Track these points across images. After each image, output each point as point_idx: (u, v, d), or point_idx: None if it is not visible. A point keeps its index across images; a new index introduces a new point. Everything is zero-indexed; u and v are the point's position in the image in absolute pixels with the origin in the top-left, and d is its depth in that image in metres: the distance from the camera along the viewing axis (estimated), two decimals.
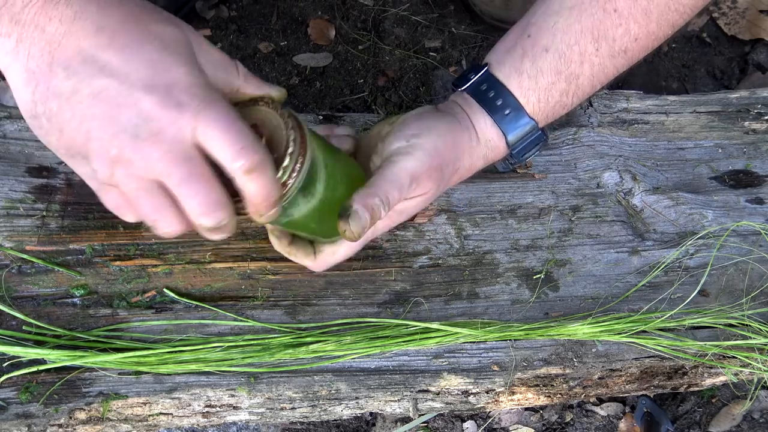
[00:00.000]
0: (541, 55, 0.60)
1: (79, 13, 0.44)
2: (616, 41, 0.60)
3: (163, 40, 0.46)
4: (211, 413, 0.62)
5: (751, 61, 1.24)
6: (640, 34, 0.60)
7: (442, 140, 0.59)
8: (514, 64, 0.61)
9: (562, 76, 0.60)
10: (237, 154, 0.46)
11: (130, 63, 0.44)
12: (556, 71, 0.60)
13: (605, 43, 0.60)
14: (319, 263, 0.63)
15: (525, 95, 0.61)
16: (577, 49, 0.60)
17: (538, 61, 0.60)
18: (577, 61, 0.60)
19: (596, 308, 0.69)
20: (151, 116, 0.44)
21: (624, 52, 0.61)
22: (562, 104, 0.63)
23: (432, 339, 0.64)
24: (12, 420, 0.57)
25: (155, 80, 0.44)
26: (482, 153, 0.63)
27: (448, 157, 0.60)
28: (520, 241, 0.73)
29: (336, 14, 1.17)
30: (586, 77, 0.62)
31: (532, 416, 0.99)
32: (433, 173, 0.59)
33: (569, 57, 0.60)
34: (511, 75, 0.61)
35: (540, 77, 0.60)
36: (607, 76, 0.63)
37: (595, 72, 0.61)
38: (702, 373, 0.71)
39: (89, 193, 0.68)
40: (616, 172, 0.77)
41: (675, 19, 0.61)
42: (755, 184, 0.80)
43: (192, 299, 0.65)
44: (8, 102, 1.06)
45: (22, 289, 0.63)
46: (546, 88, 0.61)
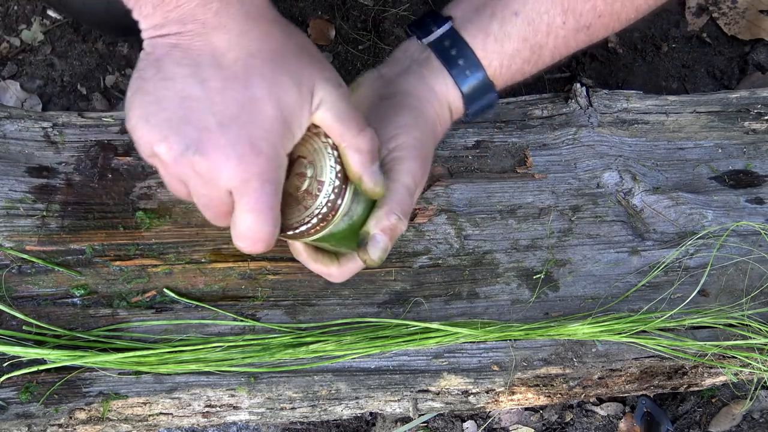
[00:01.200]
0: (510, 19, 0.59)
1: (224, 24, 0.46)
2: (583, 16, 0.60)
3: (274, 91, 0.47)
4: (211, 413, 0.62)
5: (751, 61, 1.24)
6: (605, 11, 0.60)
7: (419, 131, 0.59)
8: (481, 23, 0.60)
9: (527, 44, 0.60)
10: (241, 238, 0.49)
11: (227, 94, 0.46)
12: (522, 38, 0.59)
13: (572, 17, 0.59)
14: (344, 271, 0.62)
15: (488, 58, 0.60)
16: (546, 19, 0.59)
17: (506, 24, 0.59)
18: (544, 32, 0.60)
19: (596, 308, 0.69)
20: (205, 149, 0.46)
21: (587, 27, 0.61)
22: (521, 72, 0.62)
23: (432, 339, 0.64)
24: (12, 420, 0.57)
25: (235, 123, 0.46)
26: (448, 115, 0.63)
27: (426, 139, 0.60)
28: (520, 241, 0.73)
29: (336, 14, 1.17)
30: (549, 49, 0.61)
31: (532, 416, 0.99)
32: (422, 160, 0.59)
33: (538, 26, 0.59)
34: (477, 35, 0.60)
35: (506, 42, 0.59)
36: (567, 50, 0.63)
37: (558, 45, 0.61)
38: (702, 373, 0.71)
39: (89, 193, 0.68)
40: (616, 172, 0.77)
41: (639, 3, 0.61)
42: (755, 184, 0.80)
43: (192, 299, 0.65)
44: (8, 102, 1.06)
45: (22, 289, 0.63)
46: (510, 54, 0.60)
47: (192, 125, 0.46)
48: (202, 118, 0.45)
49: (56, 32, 1.12)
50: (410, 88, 0.61)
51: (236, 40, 0.46)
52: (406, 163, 0.57)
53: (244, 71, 0.46)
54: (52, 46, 1.11)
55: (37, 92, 1.09)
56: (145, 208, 0.68)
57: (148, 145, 0.47)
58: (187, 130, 0.45)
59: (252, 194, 0.47)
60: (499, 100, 0.63)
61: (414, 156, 0.57)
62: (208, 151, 0.46)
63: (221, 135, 0.46)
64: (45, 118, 0.71)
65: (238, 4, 0.46)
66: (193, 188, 0.49)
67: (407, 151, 0.57)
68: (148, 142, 0.47)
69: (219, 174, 0.46)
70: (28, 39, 1.11)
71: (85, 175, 0.69)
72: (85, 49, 1.12)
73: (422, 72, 0.61)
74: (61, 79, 1.10)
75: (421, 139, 0.59)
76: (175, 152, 0.46)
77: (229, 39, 0.46)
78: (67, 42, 1.12)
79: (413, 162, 0.57)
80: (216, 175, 0.46)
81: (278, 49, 0.48)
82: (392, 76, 0.63)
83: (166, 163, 0.47)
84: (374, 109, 0.60)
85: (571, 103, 0.81)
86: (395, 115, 0.59)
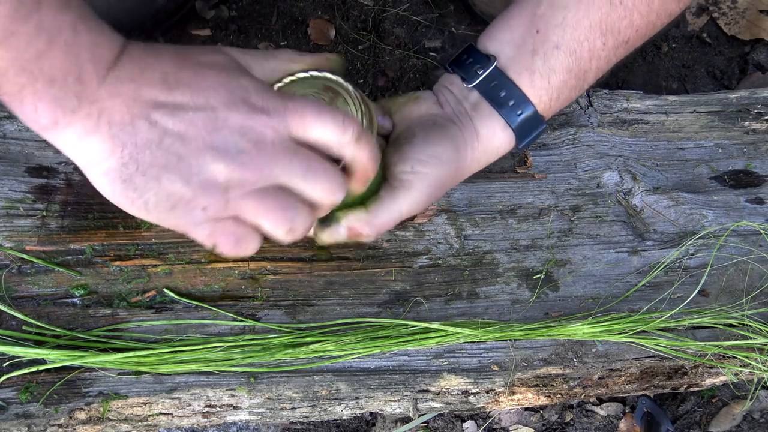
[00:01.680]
0: (553, 53, 0.59)
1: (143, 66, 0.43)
2: (621, 33, 0.59)
3: (216, 64, 0.47)
4: (211, 413, 0.62)
5: (751, 61, 1.24)
6: (641, 24, 0.60)
7: (447, 170, 0.59)
8: (525, 62, 0.60)
9: (572, 73, 0.60)
10: (342, 129, 0.47)
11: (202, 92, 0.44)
12: (567, 69, 0.60)
13: (611, 37, 0.59)
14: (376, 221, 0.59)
15: (537, 95, 0.60)
16: (587, 46, 0.59)
17: (549, 59, 0.59)
18: (587, 58, 0.59)
19: (596, 308, 0.69)
20: (245, 129, 0.44)
21: (626, 42, 0.61)
22: (569, 99, 0.63)
23: (432, 339, 0.64)
24: (12, 420, 0.57)
25: (231, 97, 0.45)
26: (484, 161, 0.63)
27: (449, 181, 0.60)
28: (520, 241, 0.73)
29: (336, 14, 1.17)
30: (593, 71, 0.61)
31: (532, 416, 0.99)
32: (433, 197, 0.59)
33: (580, 54, 0.59)
34: (522, 74, 0.60)
35: (552, 76, 0.60)
36: (609, 66, 0.62)
37: (601, 65, 0.61)
38: (702, 373, 0.71)
39: (89, 193, 0.68)
40: (616, 172, 0.77)
41: (673, 8, 0.61)
42: (755, 184, 0.80)
43: (192, 299, 0.65)
44: None
45: (22, 289, 0.63)
46: (558, 86, 0.60)
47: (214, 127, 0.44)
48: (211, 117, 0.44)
49: None
50: (460, 127, 0.61)
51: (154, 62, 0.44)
52: (415, 192, 0.58)
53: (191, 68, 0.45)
54: None
55: None
56: None
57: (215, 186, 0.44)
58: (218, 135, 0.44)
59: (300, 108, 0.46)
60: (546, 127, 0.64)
61: (426, 191, 0.58)
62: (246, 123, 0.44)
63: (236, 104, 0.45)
64: None
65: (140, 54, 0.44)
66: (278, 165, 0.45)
67: (423, 183, 0.58)
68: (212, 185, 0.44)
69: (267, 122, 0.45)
70: None
71: (85, 175, 0.69)
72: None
73: (472, 114, 0.62)
74: None
75: (441, 179, 0.59)
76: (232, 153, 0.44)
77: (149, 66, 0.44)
78: None
79: (422, 195, 0.58)
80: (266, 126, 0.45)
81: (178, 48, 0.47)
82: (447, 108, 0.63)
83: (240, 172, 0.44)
84: (425, 128, 0.61)
85: (571, 103, 0.81)
86: (439, 146, 0.59)
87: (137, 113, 0.42)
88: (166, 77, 0.44)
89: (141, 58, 0.44)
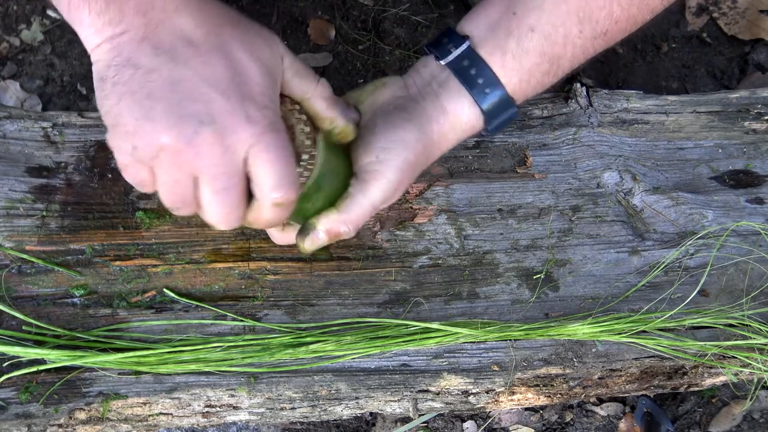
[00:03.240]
0: (527, 35, 0.59)
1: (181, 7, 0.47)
2: (599, 23, 0.59)
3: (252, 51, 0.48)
4: (211, 413, 0.62)
5: (751, 61, 1.24)
6: (621, 17, 0.60)
7: (412, 153, 0.59)
8: (498, 42, 0.60)
9: (546, 57, 0.60)
10: (277, 188, 0.49)
11: (215, 65, 0.47)
12: (540, 53, 0.59)
13: (589, 25, 0.59)
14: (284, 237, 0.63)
15: (507, 75, 0.60)
16: (562, 31, 0.59)
17: (523, 41, 0.59)
18: (561, 43, 0.60)
19: (596, 308, 0.69)
20: (218, 118, 0.46)
21: (604, 34, 0.61)
22: (541, 84, 0.62)
23: (432, 339, 0.64)
24: (12, 420, 0.57)
25: (233, 87, 0.47)
26: (454, 138, 0.63)
27: (418, 161, 0.60)
28: (520, 241, 0.73)
29: (336, 14, 1.17)
30: (568, 58, 0.61)
31: (532, 416, 0.99)
32: (405, 181, 0.59)
33: (554, 39, 0.59)
34: (494, 53, 0.60)
35: (524, 58, 0.60)
36: (585, 57, 0.63)
37: (576, 53, 0.61)
38: (702, 373, 0.71)
39: (89, 193, 0.68)
40: (616, 172, 0.77)
41: (655, 4, 0.61)
42: (755, 184, 0.80)
43: (192, 299, 0.65)
44: (8, 102, 1.06)
45: (22, 289, 0.63)
46: (529, 69, 0.60)
47: (197, 102, 0.46)
48: (201, 92, 0.46)
49: (56, 32, 1.12)
50: (424, 105, 0.61)
51: (199, 17, 0.48)
52: (384, 181, 0.57)
53: (219, 41, 0.48)
54: (52, 46, 1.11)
55: (37, 92, 1.09)
56: (145, 208, 0.68)
57: (154, 142, 0.46)
58: (194, 108, 0.46)
59: (272, 143, 0.48)
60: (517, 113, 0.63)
61: (396, 178, 0.58)
62: (219, 119, 0.46)
63: (226, 101, 0.46)
64: (45, 118, 0.71)
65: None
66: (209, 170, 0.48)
67: (391, 171, 0.58)
68: (154, 138, 0.46)
69: (236, 138, 0.47)
70: (28, 39, 1.11)
71: (85, 175, 0.69)
72: (85, 49, 1.12)
73: (439, 91, 0.61)
74: (61, 79, 1.10)
75: (411, 162, 0.59)
76: (188, 133, 0.46)
77: (192, 16, 0.47)
78: (67, 42, 1.11)
79: (392, 183, 0.58)
80: (233, 140, 0.47)
81: (236, 16, 0.50)
82: (414, 91, 0.63)
83: (178, 151, 0.46)
84: (386, 114, 0.60)
85: (571, 103, 0.81)
86: (400, 129, 0.59)
87: (150, 38, 0.46)
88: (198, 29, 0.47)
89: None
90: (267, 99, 0.48)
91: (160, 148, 0.46)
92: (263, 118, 0.47)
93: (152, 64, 0.46)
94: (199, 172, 0.48)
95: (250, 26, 0.51)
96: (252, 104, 0.47)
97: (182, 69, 0.46)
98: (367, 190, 0.58)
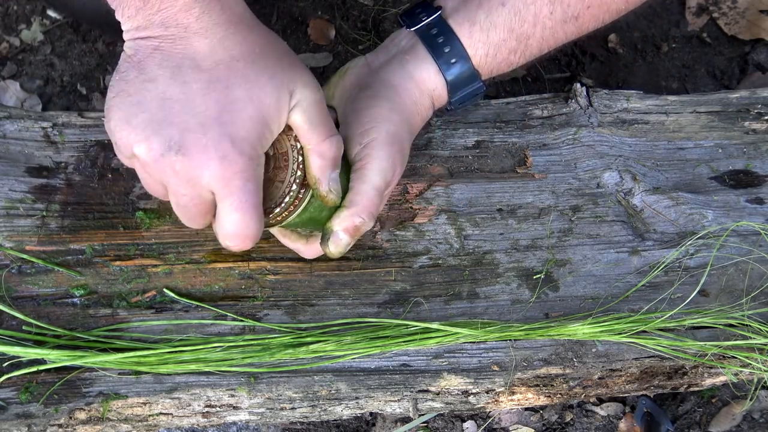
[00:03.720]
0: (497, 9, 0.60)
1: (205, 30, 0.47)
2: (570, 6, 0.60)
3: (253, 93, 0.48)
4: (211, 413, 0.62)
5: (751, 61, 1.24)
6: (593, 2, 0.60)
7: (392, 123, 0.59)
8: (468, 13, 0.61)
9: (513, 34, 0.60)
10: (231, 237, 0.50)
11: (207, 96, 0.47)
12: (509, 28, 0.60)
13: (560, 7, 0.60)
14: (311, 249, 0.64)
15: (474, 46, 0.61)
16: (532, 9, 0.60)
17: (492, 14, 0.60)
18: (531, 22, 0.60)
19: (596, 308, 0.69)
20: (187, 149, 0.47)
21: (575, 18, 0.61)
22: (508, 62, 0.63)
23: (432, 339, 0.64)
24: (12, 420, 0.57)
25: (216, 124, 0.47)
26: (429, 103, 0.63)
27: (401, 132, 0.60)
28: (520, 241, 0.73)
29: (336, 14, 1.17)
30: (536, 39, 0.62)
31: (532, 416, 0.99)
32: (396, 155, 0.59)
33: (524, 16, 0.60)
34: (463, 24, 0.61)
35: (492, 32, 0.60)
36: (556, 41, 0.63)
37: (546, 36, 0.62)
38: (702, 373, 0.71)
39: (89, 193, 0.68)
40: (616, 172, 0.77)
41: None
42: (755, 184, 0.80)
43: (192, 299, 0.65)
44: (8, 102, 1.06)
45: (22, 289, 0.63)
46: (496, 43, 0.61)
47: (174, 126, 0.46)
48: (184, 118, 0.46)
49: (56, 32, 1.12)
50: (390, 77, 0.61)
51: (218, 44, 0.47)
52: (377, 161, 0.58)
53: (226, 73, 0.47)
54: (52, 46, 1.11)
55: (37, 92, 1.09)
56: (145, 208, 0.68)
57: (128, 146, 0.47)
58: (169, 131, 0.46)
59: (237, 193, 0.48)
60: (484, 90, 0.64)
61: (386, 154, 0.58)
62: (190, 151, 0.46)
63: (203, 135, 0.46)
64: (45, 118, 0.71)
65: (219, 11, 0.47)
66: (173, 188, 0.49)
67: (379, 148, 0.58)
68: (128, 143, 0.47)
69: (201, 174, 0.47)
70: (28, 39, 1.11)
71: (85, 175, 0.69)
72: (85, 49, 1.12)
73: (405, 59, 0.62)
74: (61, 79, 1.10)
75: (394, 133, 0.59)
76: (155, 152, 0.46)
77: (211, 43, 0.47)
78: (67, 42, 1.12)
79: (385, 160, 0.58)
80: (198, 174, 0.47)
81: (260, 53, 0.49)
82: (377, 65, 0.63)
83: (146, 164, 0.48)
84: (353, 100, 0.61)
85: (571, 103, 0.81)
86: (370, 107, 0.59)
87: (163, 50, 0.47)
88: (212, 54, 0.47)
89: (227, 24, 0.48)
90: (248, 144, 0.48)
91: (131, 155, 0.48)
92: (235, 164, 0.47)
93: (154, 74, 0.47)
94: (165, 183, 0.49)
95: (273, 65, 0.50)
96: (230, 146, 0.47)
97: (176, 89, 0.46)
98: (365, 177, 0.58)
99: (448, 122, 0.78)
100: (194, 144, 0.46)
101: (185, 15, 0.46)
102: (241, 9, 0.50)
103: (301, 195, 0.54)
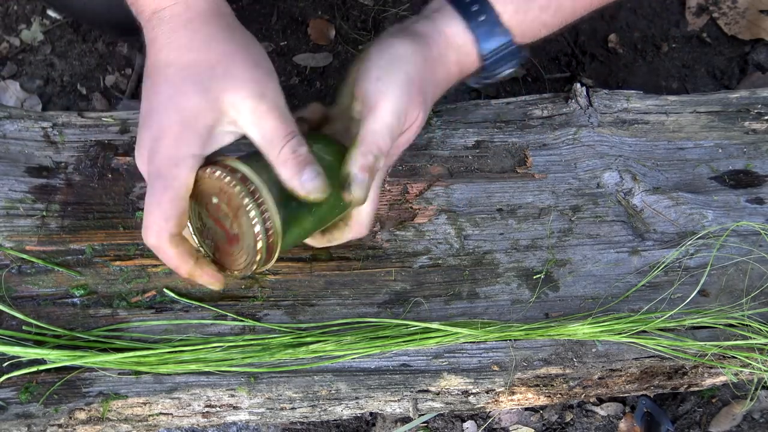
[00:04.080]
0: None
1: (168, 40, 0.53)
2: None
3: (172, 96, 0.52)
4: (211, 413, 0.62)
5: (751, 61, 1.24)
6: None
7: (412, 66, 0.56)
8: None
9: None
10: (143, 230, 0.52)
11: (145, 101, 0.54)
12: None
13: None
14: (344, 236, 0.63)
15: (502, 3, 0.59)
16: None
17: None
18: None
19: (596, 308, 0.69)
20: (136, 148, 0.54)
21: None
22: (541, 21, 0.61)
23: (432, 339, 0.64)
24: (12, 420, 0.57)
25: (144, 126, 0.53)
26: (455, 59, 0.61)
27: (423, 77, 0.57)
28: (520, 241, 0.73)
29: (336, 14, 1.17)
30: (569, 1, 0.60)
31: (532, 416, 0.99)
32: (414, 99, 0.56)
33: None
34: None
35: None
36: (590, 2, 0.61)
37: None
38: (702, 373, 0.71)
39: (89, 193, 0.68)
40: (616, 172, 0.77)
41: None
42: (755, 184, 0.80)
43: (192, 299, 0.65)
44: (8, 102, 1.06)
45: (22, 289, 0.63)
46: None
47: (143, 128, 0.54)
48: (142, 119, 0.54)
49: (56, 32, 1.12)
50: (418, 28, 0.60)
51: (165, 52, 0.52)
52: (390, 97, 0.54)
53: (160, 79, 0.52)
54: (52, 46, 1.11)
55: (37, 92, 1.09)
56: None
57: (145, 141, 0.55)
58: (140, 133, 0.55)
59: (149, 188, 0.52)
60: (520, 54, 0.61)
61: (401, 92, 0.55)
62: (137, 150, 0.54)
63: (140, 137, 0.53)
64: (45, 118, 0.71)
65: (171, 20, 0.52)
66: None
67: (394, 85, 0.55)
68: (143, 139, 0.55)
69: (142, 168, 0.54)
70: (28, 39, 1.11)
71: (85, 175, 0.69)
72: (85, 49, 1.12)
73: (433, 15, 0.60)
74: (61, 79, 1.10)
75: (411, 75, 0.56)
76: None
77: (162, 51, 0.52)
78: (67, 42, 1.12)
79: (397, 98, 0.55)
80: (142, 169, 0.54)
81: (192, 60, 0.52)
82: (405, 24, 0.61)
83: None
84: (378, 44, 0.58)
85: (571, 103, 0.81)
86: (392, 46, 0.57)
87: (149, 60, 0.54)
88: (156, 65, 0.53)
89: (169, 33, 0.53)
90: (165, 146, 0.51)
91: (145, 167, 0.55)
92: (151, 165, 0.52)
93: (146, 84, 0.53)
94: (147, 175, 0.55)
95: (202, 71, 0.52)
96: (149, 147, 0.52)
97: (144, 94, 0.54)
98: (377, 114, 0.54)
99: (448, 122, 0.78)
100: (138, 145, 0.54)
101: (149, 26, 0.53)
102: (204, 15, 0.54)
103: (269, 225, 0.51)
